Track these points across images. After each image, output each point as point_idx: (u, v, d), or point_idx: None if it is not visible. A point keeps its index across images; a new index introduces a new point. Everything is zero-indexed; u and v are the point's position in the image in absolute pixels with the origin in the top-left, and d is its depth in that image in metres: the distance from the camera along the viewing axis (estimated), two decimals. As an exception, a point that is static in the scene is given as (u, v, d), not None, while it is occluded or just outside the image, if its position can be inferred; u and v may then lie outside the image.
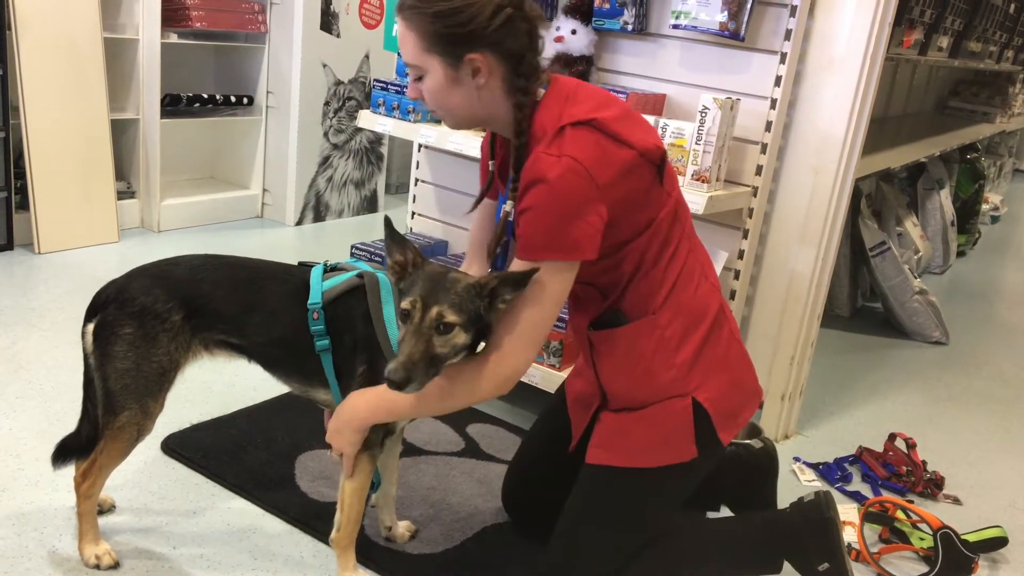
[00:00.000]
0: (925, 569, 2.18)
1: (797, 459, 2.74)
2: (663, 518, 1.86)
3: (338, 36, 4.56)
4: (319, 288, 1.78)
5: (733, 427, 1.75)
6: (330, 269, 1.85)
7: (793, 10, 2.50)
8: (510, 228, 1.70)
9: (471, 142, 2.65)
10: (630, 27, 2.70)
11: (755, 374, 1.86)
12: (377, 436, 1.79)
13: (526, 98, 1.61)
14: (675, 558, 1.87)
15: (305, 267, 1.86)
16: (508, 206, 1.66)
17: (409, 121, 2.89)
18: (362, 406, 1.72)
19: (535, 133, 1.62)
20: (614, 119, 1.61)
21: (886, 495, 2.56)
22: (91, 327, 1.78)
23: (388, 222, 1.65)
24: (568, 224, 1.54)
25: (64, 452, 1.90)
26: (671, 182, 1.73)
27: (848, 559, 1.86)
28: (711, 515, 2.17)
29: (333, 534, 1.88)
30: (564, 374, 2.54)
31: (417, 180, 3.33)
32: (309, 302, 1.77)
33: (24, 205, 3.72)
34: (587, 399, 1.89)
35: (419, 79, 1.63)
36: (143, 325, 1.75)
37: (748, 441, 2.21)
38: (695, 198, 2.38)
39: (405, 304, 1.57)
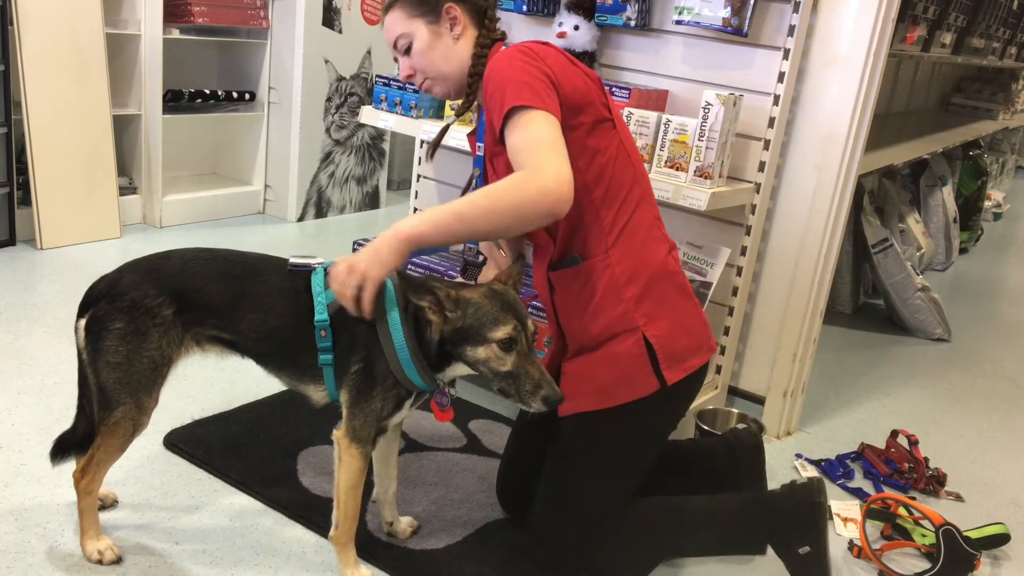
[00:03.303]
0: (927, 566, 2.17)
1: (799, 455, 2.74)
2: (644, 460, 1.90)
3: (340, 32, 4.56)
4: (323, 303, 1.74)
5: (679, 370, 1.82)
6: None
7: (796, 6, 2.49)
8: (480, 183, 1.96)
9: (473, 138, 2.65)
10: (633, 23, 2.69)
11: (707, 328, 1.92)
12: (369, 433, 1.79)
13: (488, 41, 1.87)
14: (661, 529, 1.91)
15: (299, 269, 1.80)
16: (476, 171, 1.92)
17: (411, 117, 2.89)
18: (404, 223, 1.63)
19: None
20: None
21: (888, 492, 2.56)
22: (83, 322, 1.77)
23: (401, 275, 1.70)
24: (521, 76, 1.66)
25: (62, 449, 1.90)
26: (623, 129, 1.86)
27: (828, 547, 1.89)
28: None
29: (332, 531, 1.88)
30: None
31: (419, 176, 3.34)
32: (316, 319, 1.74)
33: (26, 201, 3.72)
34: (553, 359, 2.00)
35: (407, 52, 1.87)
36: (133, 320, 1.73)
37: (735, 426, 2.25)
38: (698, 195, 2.38)
39: (507, 333, 1.65)
